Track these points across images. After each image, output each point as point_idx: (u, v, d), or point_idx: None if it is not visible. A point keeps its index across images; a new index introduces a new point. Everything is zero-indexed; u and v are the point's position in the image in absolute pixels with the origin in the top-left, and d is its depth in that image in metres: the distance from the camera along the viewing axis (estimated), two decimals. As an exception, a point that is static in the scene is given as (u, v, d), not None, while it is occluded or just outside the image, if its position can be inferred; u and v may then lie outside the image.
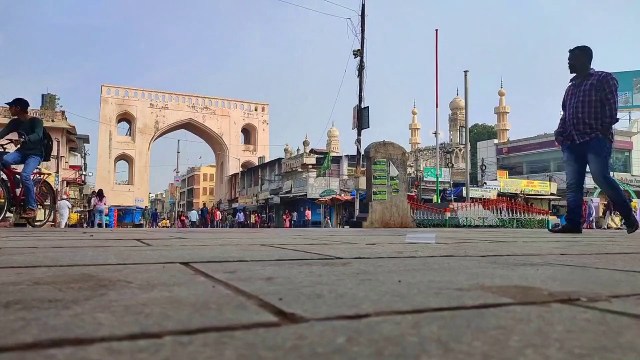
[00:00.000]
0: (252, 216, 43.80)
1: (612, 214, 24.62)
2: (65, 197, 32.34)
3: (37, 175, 7.49)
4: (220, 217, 46.67)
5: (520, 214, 18.23)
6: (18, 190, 6.72)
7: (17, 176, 6.79)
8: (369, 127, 19.14)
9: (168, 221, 50.28)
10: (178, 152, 51.37)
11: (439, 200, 22.96)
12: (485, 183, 35.14)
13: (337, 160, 40.15)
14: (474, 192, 27.26)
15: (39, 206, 7.33)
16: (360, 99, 19.62)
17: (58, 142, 36.30)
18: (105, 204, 23.79)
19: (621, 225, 14.45)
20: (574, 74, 5.97)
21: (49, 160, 7.46)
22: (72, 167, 41.03)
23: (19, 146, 6.81)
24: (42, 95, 41.59)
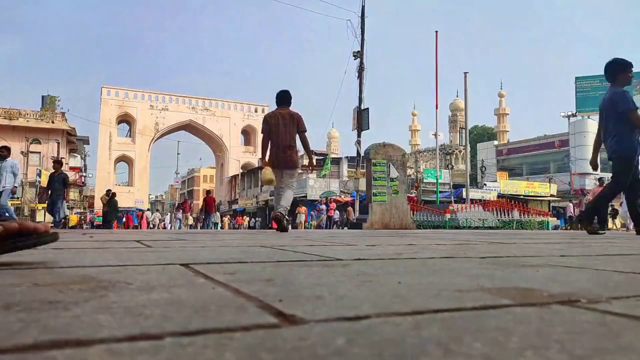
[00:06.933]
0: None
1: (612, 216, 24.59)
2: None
3: None
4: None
5: (520, 215, 18.22)
6: None
7: None
8: (369, 128, 19.15)
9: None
10: (178, 154, 51.48)
11: (438, 201, 22.96)
12: (485, 184, 35.09)
13: (337, 161, 40.16)
14: (474, 194, 27.23)
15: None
16: (360, 100, 19.62)
17: (58, 143, 36.35)
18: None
19: (624, 228, 14.39)
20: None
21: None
22: (72, 168, 41.06)
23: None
24: (42, 97, 41.52)
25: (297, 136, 5.95)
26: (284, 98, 6.28)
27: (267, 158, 6.07)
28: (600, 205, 6.60)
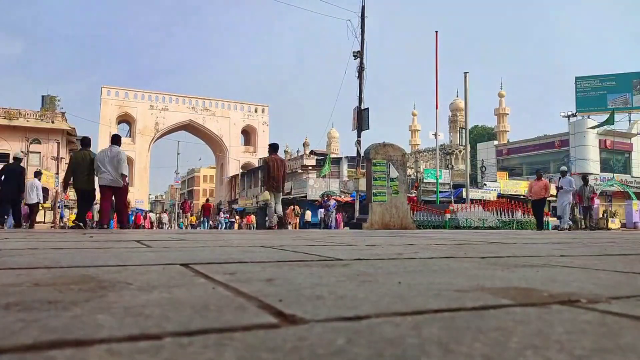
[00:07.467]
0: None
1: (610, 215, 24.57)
2: (65, 198, 32.48)
3: None
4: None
5: (520, 215, 18.22)
6: None
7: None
8: (369, 128, 19.10)
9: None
10: (178, 154, 51.48)
11: (438, 201, 22.97)
12: (485, 184, 35.09)
13: (337, 161, 40.15)
14: (474, 194, 27.22)
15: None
16: (360, 100, 19.60)
17: (58, 143, 36.34)
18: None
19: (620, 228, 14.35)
20: None
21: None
22: (72, 168, 40.95)
23: None
24: (42, 97, 41.53)
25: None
26: (276, 148, 10.01)
27: (265, 184, 9.81)
28: None
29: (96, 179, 8.13)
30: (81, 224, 8.26)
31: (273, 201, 9.57)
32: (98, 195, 8.30)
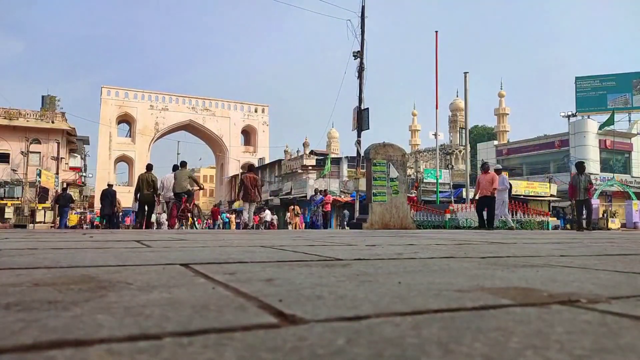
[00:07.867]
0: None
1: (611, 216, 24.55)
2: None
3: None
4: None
5: (520, 215, 18.22)
6: None
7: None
8: (369, 128, 19.08)
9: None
10: (178, 154, 51.58)
11: (438, 201, 22.98)
12: (485, 184, 35.12)
13: (337, 161, 40.14)
14: (474, 194, 27.20)
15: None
16: (360, 100, 19.58)
17: (58, 143, 36.36)
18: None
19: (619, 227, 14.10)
20: None
21: None
22: (72, 168, 41.04)
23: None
24: (42, 97, 41.53)
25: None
26: (252, 168, 13.07)
27: (240, 196, 12.44)
28: None
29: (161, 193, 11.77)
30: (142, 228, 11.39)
31: (247, 208, 12.50)
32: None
